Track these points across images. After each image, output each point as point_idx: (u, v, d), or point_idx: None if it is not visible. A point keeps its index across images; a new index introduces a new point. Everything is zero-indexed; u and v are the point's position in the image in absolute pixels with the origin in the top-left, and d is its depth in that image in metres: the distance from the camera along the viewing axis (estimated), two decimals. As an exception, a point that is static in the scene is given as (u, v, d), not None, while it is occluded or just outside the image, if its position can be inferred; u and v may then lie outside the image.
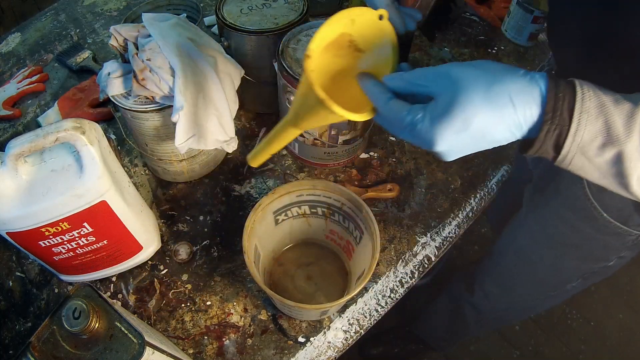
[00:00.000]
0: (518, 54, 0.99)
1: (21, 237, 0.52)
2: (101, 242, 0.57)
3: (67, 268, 0.60)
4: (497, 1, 1.05)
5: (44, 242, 0.53)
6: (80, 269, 0.60)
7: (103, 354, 0.39)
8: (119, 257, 0.62)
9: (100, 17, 1.05)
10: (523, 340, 1.37)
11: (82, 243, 0.55)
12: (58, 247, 0.55)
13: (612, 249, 0.63)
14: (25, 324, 0.63)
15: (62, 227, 0.52)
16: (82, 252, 0.57)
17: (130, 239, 0.60)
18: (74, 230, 0.53)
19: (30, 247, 0.54)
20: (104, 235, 0.56)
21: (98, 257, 0.59)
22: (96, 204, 0.52)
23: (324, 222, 0.64)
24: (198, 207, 0.73)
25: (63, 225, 0.51)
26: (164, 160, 0.70)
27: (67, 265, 0.59)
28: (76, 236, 0.54)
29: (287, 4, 0.74)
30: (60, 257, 0.56)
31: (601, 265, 0.67)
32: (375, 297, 0.66)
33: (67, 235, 0.53)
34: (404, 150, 0.82)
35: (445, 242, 0.71)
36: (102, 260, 0.60)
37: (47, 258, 0.57)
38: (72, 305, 0.38)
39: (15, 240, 0.52)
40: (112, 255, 0.60)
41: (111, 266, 0.62)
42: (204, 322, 0.62)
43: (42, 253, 0.55)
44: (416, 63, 0.96)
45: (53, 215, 0.50)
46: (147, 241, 0.63)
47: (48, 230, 0.51)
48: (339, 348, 0.61)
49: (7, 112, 0.86)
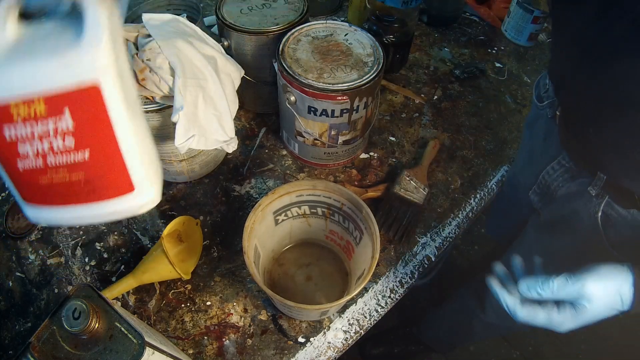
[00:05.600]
0: (518, 54, 0.99)
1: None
2: (81, 151, 0.44)
3: (32, 189, 0.47)
4: (497, 1, 1.05)
5: (10, 131, 0.42)
6: (48, 195, 0.47)
7: (103, 355, 0.39)
8: (100, 191, 0.47)
9: (100, 17, 1.05)
10: (523, 340, 1.37)
11: (56, 146, 0.44)
12: (25, 145, 0.43)
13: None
14: (25, 324, 0.63)
15: (36, 111, 0.42)
16: (53, 162, 0.45)
17: (119, 163, 0.46)
18: (50, 119, 0.42)
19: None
20: (86, 141, 0.44)
21: (73, 181, 0.46)
22: (87, 86, 0.41)
23: (324, 223, 0.64)
24: (198, 207, 0.73)
25: (39, 107, 0.41)
26: (164, 160, 0.70)
27: (33, 183, 0.46)
28: (51, 131, 0.43)
29: (287, 4, 0.74)
30: (26, 163, 0.44)
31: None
32: (375, 297, 0.66)
33: (40, 125, 0.42)
34: (403, 151, 0.82)
35: (445, 242, 0.71)
36: (77, 187, 0.47)
37: (9, 162, 0.45)
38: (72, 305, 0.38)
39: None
40: (92, 184, 0.47)
41: (88, 202, 0.48)
42: (203, 322, 0.62)
43: (4, 152, 0.44)
44: (416, 63, 0.97)
45: (30, 87, 0.41)
46: (142, 182, 0.48)
47: (18, 111, 0.41)
48: (338, 348, 0.61)
49: (7, 112, 0.86)
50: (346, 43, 0.69)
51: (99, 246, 0.69)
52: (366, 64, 0.66)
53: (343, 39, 0.70)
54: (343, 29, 0.72)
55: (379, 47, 0.68)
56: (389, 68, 0.92)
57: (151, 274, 0.62)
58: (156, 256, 0.61)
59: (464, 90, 0.92)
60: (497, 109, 0.90)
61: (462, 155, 0.82)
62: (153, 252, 0.62)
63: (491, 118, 0.88)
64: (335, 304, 0.52)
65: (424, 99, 0.90)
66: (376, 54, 0.68)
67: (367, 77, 0.64)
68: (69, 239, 0.70)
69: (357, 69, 0.66)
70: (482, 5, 1.05)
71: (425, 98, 0.90)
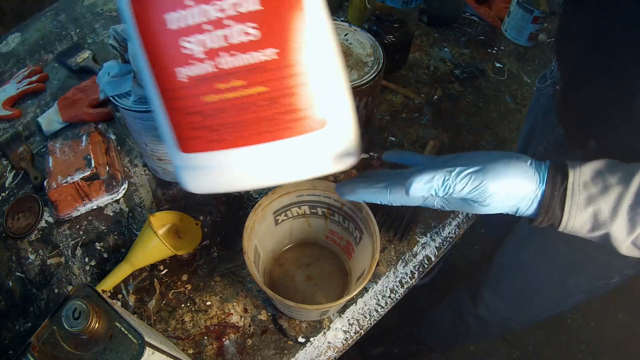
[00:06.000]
0: (518, 54, 0.99)
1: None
2: (266, 49, 0.30)
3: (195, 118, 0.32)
4: (497, 1, 1.05)
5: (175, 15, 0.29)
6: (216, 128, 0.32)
7: (103, 355, 0.39)
8: (283, 118, 0.32)
9: (100, 17, 1.05)
10: (523, 340, 1.37)
11: (235, 38, 0.29)
12: (192, 38, 0.30)
13: (615, 268, 0.63)
14: (25, 324, 0.63)
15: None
16: (229, 65, 0.30)
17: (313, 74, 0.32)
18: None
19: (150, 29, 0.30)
20: (276, 34, 0.30)
21: (251, 100, 0.31)
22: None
23: (324, 222, 0.64)
24: (198, 207, 0.73)
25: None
26: (164, 160, 0.70)
27: (196, 105, 0.31)
28: (229, 12, 0.29)
29: (287, 4, 0.74)
30: (190, 69, 0.30)
31: (604, 282, 0.68)
32: (375, 297, 0.65)
33: (215, 5, 0.29)
34: (404, 151, 0.82)
35: (445, 242, 0.71)
36: (256, 111, 0.32)
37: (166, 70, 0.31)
38: (72, 305, 0.38)
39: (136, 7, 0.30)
40: (275, 106, 0.31)
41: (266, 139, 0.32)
42: (203, 322, 0.62)
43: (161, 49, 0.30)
44: (416, 63, 0.97)
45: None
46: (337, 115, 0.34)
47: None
48: (338, 348, 0.61)
49: (7, 112, 0.86)
50: (346, 43, 0.69)
51: (99, 246, 0.69)
52: (366, 64, 0.66)
53: (343, 38, 0.70)
54: (343, 28, 0.72)
55: (379, 47, 0.68)
56: (389, 68, 0.92)
57: (144, 255, 0.63)
58: (145, 235, 0.62)
59: (464, 90, 0.92)
60: (497, 109, 0.89)
61: (462, 155, 0.82)
62: (142, 233, 0.64)
63: (491, 118, 0.88)
64: (335, 304, 0.52)
65: (424, 99, 0.90)
66: (376, 54, 0.68)
67: (367, 77, 0.64)
68: (69, 239, 0.70)
69: (357, 69, 0.66)
70: (482, 5, 1.05)
71: (425, 98, 0.90)
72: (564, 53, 0.57)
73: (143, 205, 0.74)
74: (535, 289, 0.79)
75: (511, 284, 0.84)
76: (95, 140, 0.73)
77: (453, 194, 0.40)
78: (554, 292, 0.76)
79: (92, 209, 0.73)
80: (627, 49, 0.42)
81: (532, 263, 0.76)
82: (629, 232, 0.39)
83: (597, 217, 0.39)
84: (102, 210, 0.73)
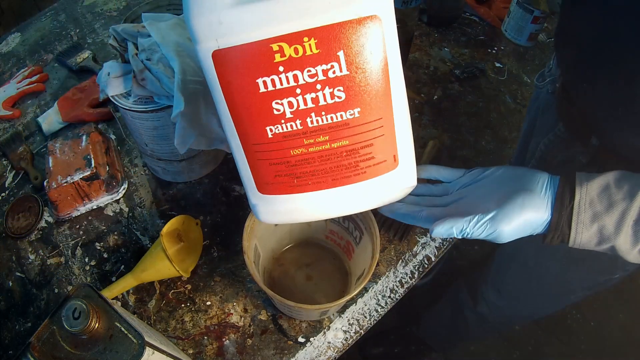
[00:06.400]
0: (518, 54, 0.99)
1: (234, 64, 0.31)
2: (350, 109, 0.33)
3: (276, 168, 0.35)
4: (497, 1, 1.05)
5: (267, 81, 0.32)
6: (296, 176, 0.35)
7: (103, 354, 0.39)
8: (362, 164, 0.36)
9: (100, 17, 1.05)
10: (523, 340, 1.37)
11: (322, 100, 0.33)
12: (283, 99, 0.33)
13: (617, 264, 0.63)
14: (25, 324, 0.63)
15: (303, 50, 0.31)
16: (314, 123, 0.33)
17: (389, 125, 0.35)
18: (320, 65, 0.32)
19: (240, 92, 0.33)
20: (358, 95, 0.33)
21: (332, 151, 0.35)
22: (365, 16, 0.31)
23: (324, 222, 0.64)
24: (198, 207, 0.73)
25: (308, 44, 0.31)
26: (164, 160, 0.70)
27: (280, 157, 0.35)
28: (319, 77, 0.32)
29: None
30: (279, 127, 0.33)
31: (606, 277, 0.67)
32: (375, 297, 0.65)
33: (306, 71, 0.32)
34: (404, 150, 0.82)
35: (445, 242, 0.71)
36: (337, 160, 0.35)
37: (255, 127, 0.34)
38: (72, 305, 0.38)
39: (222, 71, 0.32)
40: (354, 155, 0.35)
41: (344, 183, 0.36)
42: (203, 322, 0.62)
43: (253, 110, 0.33)
44: (416, 63, 0.97)
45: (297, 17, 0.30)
46: (405, 157, 0.38)
47: (280, 50, 0.31)
48: (338, 348, 0.61)
49: (7, 112, 0.86)
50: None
51: (99, 246, 0.69)
52: (366, 64, 0.66)
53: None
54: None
55: (379, 47, 0.68)
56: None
57: (150, 273, 0.62)
58: (155, 254, 0.61)
59: (464, 90, 0.92)
60: (497, 108, 0.89)
61: (462, 155, 0.82)
62: (152, 251, 0.62)
63: (491, 118, 0.88)
64: (335, 304, 0.52)
65: (424, 99, 0.90)
66: (376, 54, 0.68)
67: (367, 77, 0.64)
68: (69, 239, 0.70)
69: (357, 69, 0.66)
70: (482, 5, 1.05)
71: (425, 98, 0.90)
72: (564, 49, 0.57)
73: (143, 205, 0.74)
74: (536, 284, 0.78)
75: (512, 279, 0.84)
76: (95, 140, 0.73)
77: (471, 237, 0.45)
78: (555, 288, 0.76)
79: (92, 209, 0.73)
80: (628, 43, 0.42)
81: (533, 256, 0.75)
82: (634, 245, 0.41)
83: (603, 233, 0.41)
84: (102, 210, 0.73)
